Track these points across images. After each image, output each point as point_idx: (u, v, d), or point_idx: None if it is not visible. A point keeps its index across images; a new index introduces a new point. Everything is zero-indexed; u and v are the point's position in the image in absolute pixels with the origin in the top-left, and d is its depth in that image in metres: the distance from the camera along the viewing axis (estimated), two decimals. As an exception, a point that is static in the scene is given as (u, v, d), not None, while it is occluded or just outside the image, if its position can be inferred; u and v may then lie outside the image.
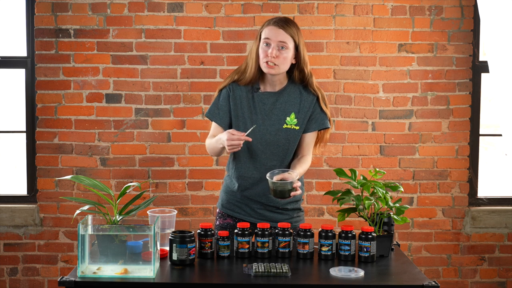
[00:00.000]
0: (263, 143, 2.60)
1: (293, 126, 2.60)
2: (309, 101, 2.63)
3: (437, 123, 3.92)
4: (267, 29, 2.55)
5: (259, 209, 2.66)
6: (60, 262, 3.94)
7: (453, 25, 3.89)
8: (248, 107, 2.62)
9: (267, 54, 2.53)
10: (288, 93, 2.63)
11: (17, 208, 3.90)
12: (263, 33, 2.56)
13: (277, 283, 2.11)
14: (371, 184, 2.46)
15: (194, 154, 3.90)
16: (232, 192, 2.69)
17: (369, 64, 3.90)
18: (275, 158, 2.61)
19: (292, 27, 2.55)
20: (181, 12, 3.85)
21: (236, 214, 2.69)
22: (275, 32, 2.53)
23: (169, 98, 3.88)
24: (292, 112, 2.61)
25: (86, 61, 3.87)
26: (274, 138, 2.60)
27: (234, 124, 2.63)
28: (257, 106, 2.61)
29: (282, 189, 2.40)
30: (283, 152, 2.61)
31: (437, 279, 3.95)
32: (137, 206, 2.39)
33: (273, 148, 2.60)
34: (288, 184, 2.40)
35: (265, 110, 2.61)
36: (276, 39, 2.53)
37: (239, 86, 2.64)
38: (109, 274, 2.14)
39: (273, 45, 2.53)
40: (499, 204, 4.00)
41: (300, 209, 2.75)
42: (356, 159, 3.92)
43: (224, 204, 2.72)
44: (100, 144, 3.89)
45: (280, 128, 2.60)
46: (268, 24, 2.56)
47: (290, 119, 2.60)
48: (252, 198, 2.65)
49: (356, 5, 3.87)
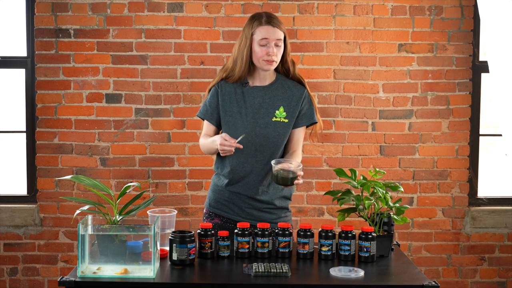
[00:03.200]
0: (253, 136, 2.63)
1: (282, 119, 2.65)
2: (298, 95, 2.69)
3: (437, 123, 3.92)
4: (262, 29, 2.60)
5: (247, 208, 2.66)
6: (60, 262, 3.94)
7: (453, 25, 3.89)
8: (237, 102, 2.67)
9: (268, 53, 2.59)
10: (277, 87, 2.69)
11: (17, 208, 3.90)
12: (258, 33, 2.60)
13: (277, 283, 2.11)
14: (371, 184, 2.46)
15: (194, 154, 3.90)
16: (220, 191, 2.70)
17: (369, 64, 3.90)
18: (265, 150, 2.64)
19: (281, 23, 2.64)
20: (181, 12, 3.85)
21: (223, 213, 2.69)
22: (272, 31, 2.59)
23: (169, 98, 3.88)
24: (281, 106, 2.67)
25: (86, 61, 3.87)
26: (263, 131, 2.64)
27: (223, 120, 2.68)
28: (246, 101, 2.67)
29: (284, 177, 2.45)
30: (273, 145, 2.65)
31: (437, 279, 3.95)
32: (137, 206, 2.39)
33: (263, 141, 2.64)
34: (290, 172, 2.45)
35: (255, 104, 2.66)
36: (274, 38, 2.59)
37: (227, 83, 2.70)
38: (109, 274, 2.14)
39: (271, 43, 2.59)
40: (499, 204, 4.00)
41: (288, 209, 2.75)
42: (356, 159, 3.93)
43: (212, 203, 2.73)
44: (100, 144, 3.89)
45: (269, 121, 2.65)
46: (260, 24, 2.60)
47: (279, 112, 2.66)
48: (241, 193, 2.66)
49: (356, 5, 3.87)
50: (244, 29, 2.66)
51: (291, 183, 2.46)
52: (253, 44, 2.61)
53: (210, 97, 2.73)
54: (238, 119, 2.65)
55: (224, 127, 2.70)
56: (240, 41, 2.66)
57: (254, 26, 2.61)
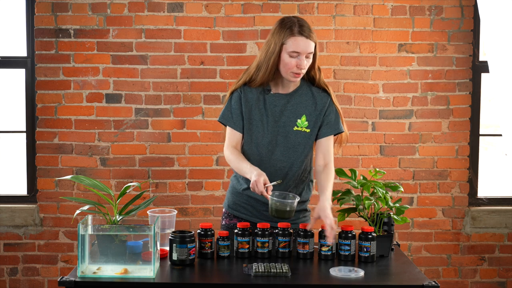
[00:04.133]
0: (273, 144, 2.55)
1: (304, 128, 2.55)
2: (322, 103, 2.57)
3: (437, 123, 3.92)
4: (294, 40, 2.43)
5: (266, 211, 2.62)
6: (60, 262, 3.94)
7: (453, 25, 3.89)
8: (259, 110, 2.56)
9: (298, 66, 2.46)
10: (300, 94, 2.58)
11: (17, 208, 3.90)
12: (290, 44, 2.44)
13: (277, 283, 2.11)
14: (371, 184, 2.46)
15: (194, 154, 3.90)
16: (238, 194, 2.67)
17: (369, 64, 3.90)
18: (285, 160, 2.56)
19: (313, 31, 2.47)
20: (181, 12, 3.85)
21: (242, 215, 2.66)
22: (304, 44, 2.43)
23: (169, 98, 3.88)
24: (303, 115, 2.56)
25: (86, 61, 3.87)
26: (284, 140, 2.55)
27: (246, 128, 2.57)
28: (268, 108, 2.56)
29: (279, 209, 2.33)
30: (293, 154, 2.56)
31: (437, 279, 3.95)
32: (137, 206, 2.39)
33: (283, 150, 2.56)
34: (288, 205, 2.33)
35: (276, 112, 2.56)
36: (306, 51, 2.44)
37: (250, 88, 2.57)
38: (109, 274, 2.14)
39: (302, 56, 2.45)
40: (499, 204, 4.00)
41: (307, 209, 2.72)
42: (356, 159, 3.93)
43: (231, 205, 2.70)
44: (100, 144, 3.89)
45: (290, 130, 2.55)
46: (292, 34, 2.43)
47: (301, 121, 2.55)
48: (258, 198, 2.61)
49: (356, 5, 3.87)
50: (273, 34, 2.48)
51: (288, 216, 2.34)
52: (282, 53, 2.46)
53: (233, 102, 2.58)
54: (260, 128, 2.56)
55: (245, 134, 2.59)
56: (268, 46, 2.49)
57: (286, 35, 2.44)
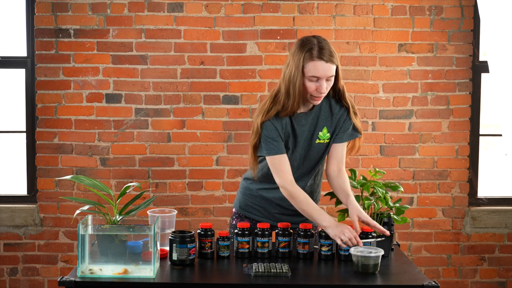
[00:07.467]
0: (296, 159, 2.55)
1: (325, 140, 2.55)
2: (340, 113, 2.54)
3: (437, 123, 3.92)
4: (313, 65, 2.36)
5: (277, 213, 2.63)
6: (60, 262, 3.94)
7: (453, 25, 3.89)
8: (289, 134, 2.53)
9: (318, 90, 2.40)
10: (319, 107, 2.54)
11: (17, 208, 3.90)
12: (309, 69, 2.37)
13: (277, 283, 2.11)
14: (371, 184, 2.46)
15: (194, 154, 3.90)
16: (251, 195, 2.66)
17: (369, 64, 3.90)
18: (304, 168, 2.57)
19: (335, 55, 2.40)
20: (181, 12, 3.85)
21: (253, 216, 2.67)
22: (324, 69, 2.36)
23: (169, 98, 3.88)
24: (324, 126, 2.54)
25: (86, 61, 3.87)
26: (307, 153, 2.55)
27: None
28: (296, 129, 2.52)
29: (364, 263, 2.22)
30: (314, 163, 2.57)
31: (437, 279, 3.95)
32: (137, 206, 2.39)
33: (304, 160, 2.56)
34: (371, 259, 2.22)
35: (303, 132, 2.53)
36: (326, 76, 2.38)
37: (279, 118, 2.48)
38: (109, 274, 2.14)
39: (322, 80, 2.38)
40: (499, 204, 4.00)
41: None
42: (356, 159, 3.92)
43: (242, 206, 2.69)
44: (100, 144, 3.89)
45: (313, 143, 2.54)
46: (311, 58, 2.36)
47: (323, 133, 2.54)
48: (273, 200, 2.61)
49: (356, 5, 3.87)
50: (293, 55, 2.41)
51: (373, 271, 2.21)
52: (303, 76, 2.39)
53: (271, 131, 2.47)
54: (290, 151, 2.53)
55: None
56: (290, 70, 2.41)
57: (306, 58, 2.36)
